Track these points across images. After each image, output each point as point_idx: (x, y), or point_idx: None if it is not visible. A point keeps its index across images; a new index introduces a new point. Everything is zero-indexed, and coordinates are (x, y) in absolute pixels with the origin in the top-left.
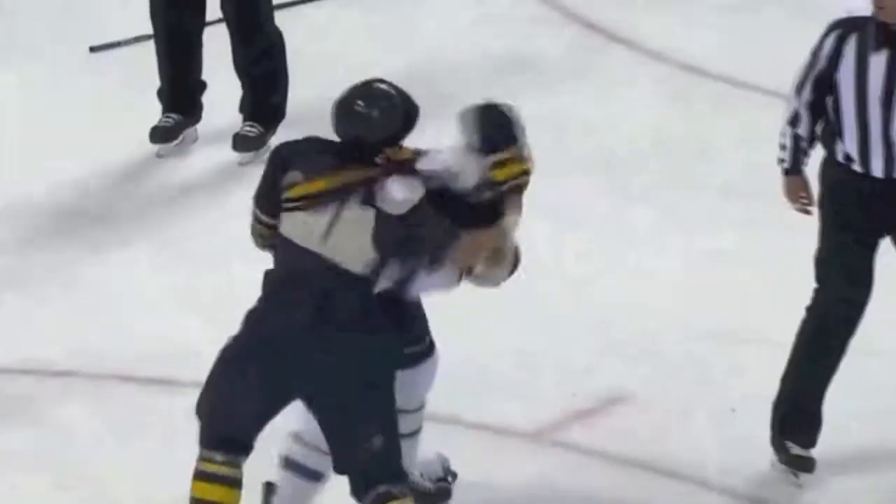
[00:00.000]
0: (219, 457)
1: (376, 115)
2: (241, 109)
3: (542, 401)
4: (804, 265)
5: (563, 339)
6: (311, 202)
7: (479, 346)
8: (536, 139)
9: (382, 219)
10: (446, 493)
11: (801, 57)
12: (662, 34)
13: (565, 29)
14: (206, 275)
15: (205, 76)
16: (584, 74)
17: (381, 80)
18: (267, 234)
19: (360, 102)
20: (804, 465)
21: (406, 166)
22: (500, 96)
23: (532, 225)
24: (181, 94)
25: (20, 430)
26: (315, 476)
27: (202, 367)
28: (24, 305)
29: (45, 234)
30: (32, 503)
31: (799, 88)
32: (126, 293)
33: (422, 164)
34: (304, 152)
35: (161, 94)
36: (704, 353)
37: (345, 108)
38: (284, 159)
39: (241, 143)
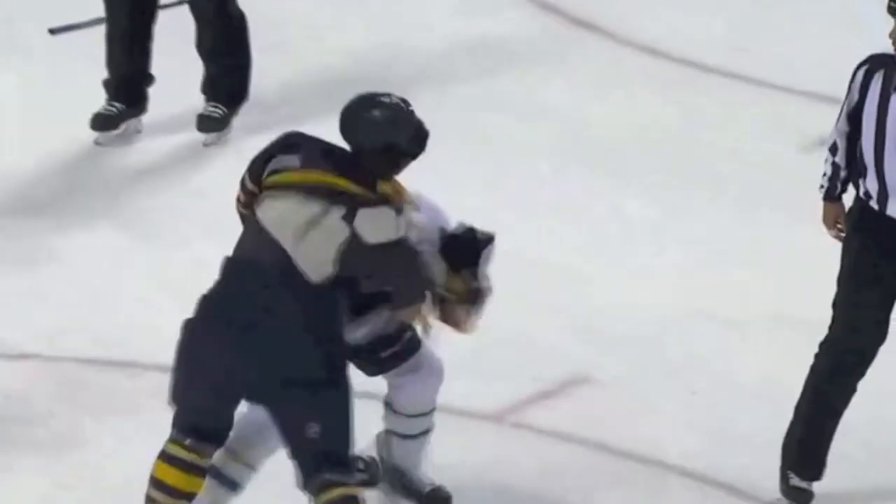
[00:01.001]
0: (188, 442)
1: (377, 117)
2: (204, 90)
3: (504, 383)
4: (764, 247)
5: (526, 322)
6: (294, 190)
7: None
8: (515, 127)
9: (355, 241)
10: (445, 500)
11: (793, 47)
12: (653, 25)
13: (543, 17)
14: (172, 255)
15: (166, 56)
16: (552, 59)
17: (392, 95)
18: (241, 204)
19: (365, 107)
20: (800, 498)
21: (396, 202)
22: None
23: (494, 208)
24: (126, 84)
25: None
26: (231, 485)
27: (167, 348)
28: None
29: (6, 216)
30: None
31: (838, 117)
32: (92, 275)
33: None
34: (312, 145)
35: (107, 82)
36: (666, 337)
37: (350, 112)
38: (292, 141)
39: (205, 123)
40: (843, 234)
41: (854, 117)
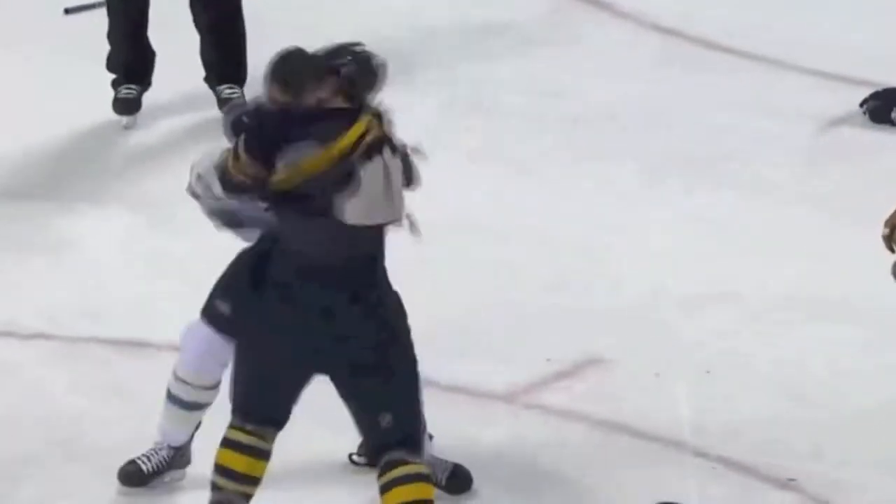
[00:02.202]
0: (249, 426)
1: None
2: (211, 72)
3: (517, 363)
4: (778, 229)
5: (539, 301)
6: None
7: (456, 308)
8: (527, 107)
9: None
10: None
11: (782, 20)
12: (667, 5)
13: None
14: (182, 237)
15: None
16: (563, 39)
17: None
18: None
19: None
20: None
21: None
22: (478, 60)
23: (506, 187)
24: (138, 64)
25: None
26: (194, 406)
27: (174, 330)
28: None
29: (18, 199)
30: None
31: None
32: (103, 256)
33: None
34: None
35: (118, 64)
36: (679, 315)
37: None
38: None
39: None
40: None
41: None
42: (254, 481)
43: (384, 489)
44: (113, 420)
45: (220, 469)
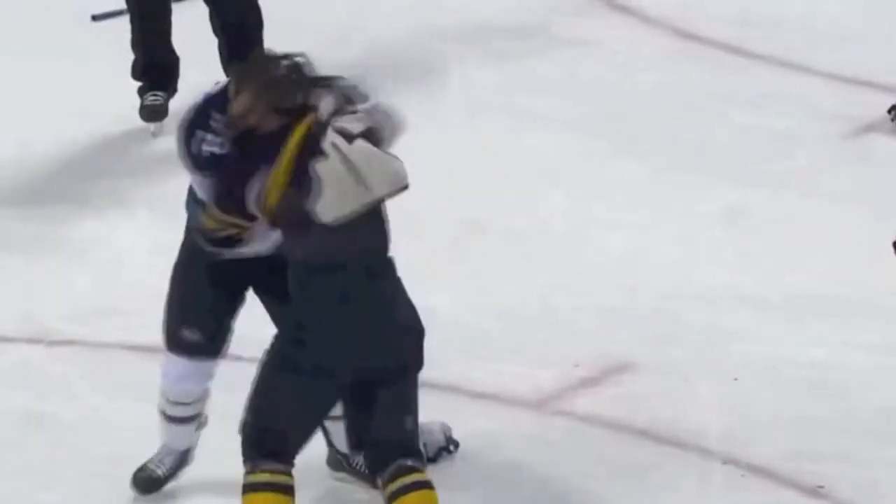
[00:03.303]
0: (266, 465)
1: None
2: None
3: (545, 369)
4: (802, 229)
5: (566, 307)
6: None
7: (483, 314)
8: (548, 105)
9: None
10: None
11: (802, 22)
12: (685, 4)
13: None
14: None
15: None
16: (580, 39)
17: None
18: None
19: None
20: None
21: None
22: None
23: (529, 188)
24: (163, 71)
25: (21, 395)
26: (185, 420)
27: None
28: (26, 270)
29: (43, 203)
30: (29, 464)
31: None
32: (129, 260)
33: None
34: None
35: (143, 71)
36: (709, 322)
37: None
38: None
39: None
40: None
41: None
42: None
43: (395, 496)
44: (137, 422)
45: None
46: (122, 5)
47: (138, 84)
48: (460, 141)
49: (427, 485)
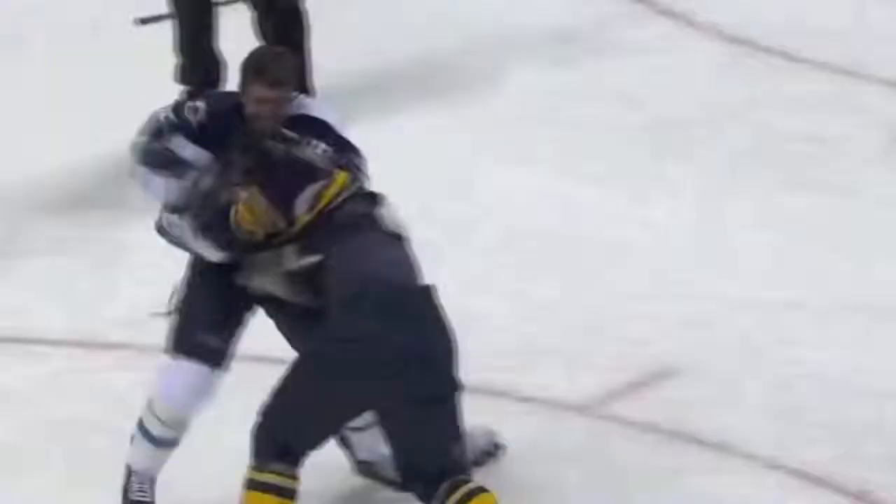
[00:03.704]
0: (275, 466)
1: None
2: None
3: (591, 374)
4: (853, 235)
5: (614, 312)
6: None
7: (530, 318)
8: (590, 113)
9: None
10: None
11: (854, 28)
12: (731, 10)
13: (619, 2)
14: None
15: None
16: (629, 47)
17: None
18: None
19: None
20: None
21: None
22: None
23: (577, 194)
24: (207, 75)
25: (74, 401)
26: (168, 443)
27: (252, 339)
28: (77, 274)
29: (92, 204)
30: (86, 470)
31: None
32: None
33: None
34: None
35: (188, 75)
36: (754, 323)
37: None
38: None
39: None
40: None
41: None
42: None
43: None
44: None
45: None
46: (167, 9)
47: (182, 88)
48: (507, 147)
49: (483, 489)
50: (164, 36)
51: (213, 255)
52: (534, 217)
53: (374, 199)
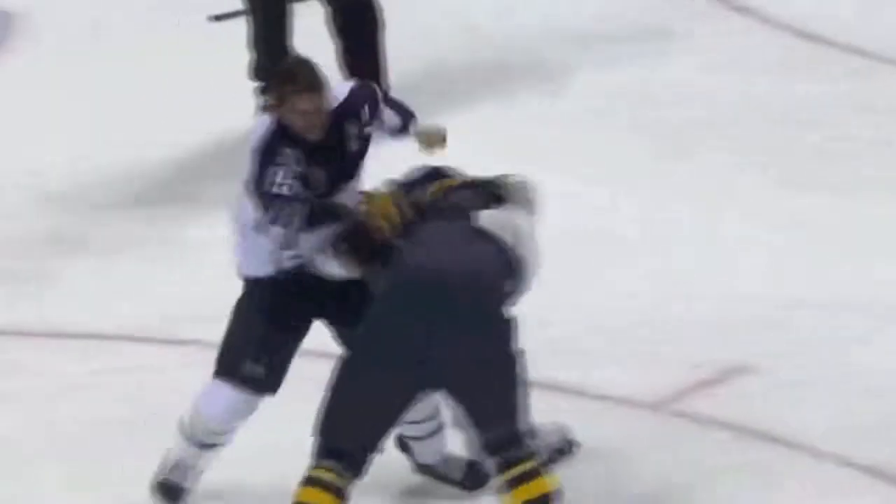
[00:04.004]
0: (327, 464)
1: None
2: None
3: (664, 370)
4: None
5: (685, 310)
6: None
7: (602, 316)
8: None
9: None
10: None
11: None
12: (795, 2)
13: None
14: None
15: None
16: (688, 42)
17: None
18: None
19: None
20: None
21: None
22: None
23: (649, 194)
24: None
25: (143, 397)
26: (211, 447)
27: (323, 335)
28: (146, 272)
29: (156, 202)
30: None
31: None
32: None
33: None
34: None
35: (262, 71)
36: (825, 324)
37: None
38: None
39: None
40: None
41: None
42: None
43: (512, 484)
44: (250, 423)
45: None
46: (241, 6)
47: (256, 84)
48: (574, 144)
49: (539, 472)
50: (238, 30)
51: (347, 272)
52: (606, 217)
53: (474, 189)
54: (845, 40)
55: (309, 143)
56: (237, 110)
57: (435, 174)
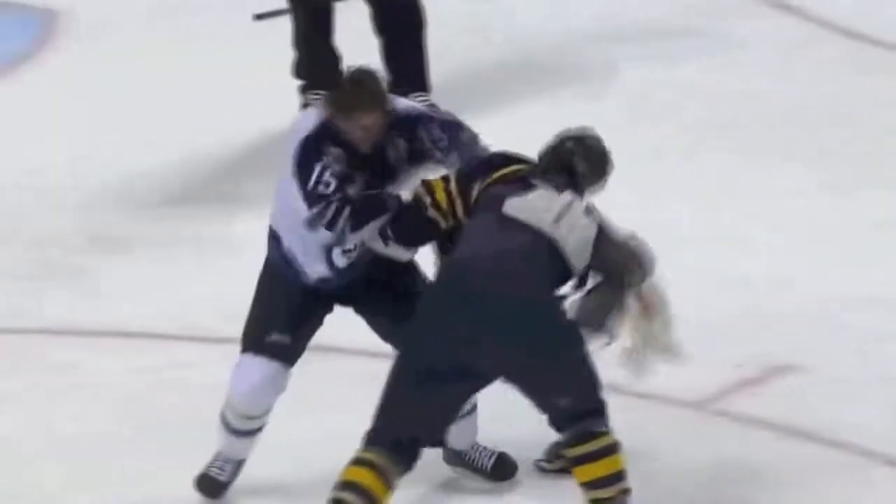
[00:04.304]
0: (381, 451)
1: None
2: (399, 78)
3: (706, 369)
4: None
5: (727, 307)
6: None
7: None
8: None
9: (603, 233)
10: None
11: None
12: (846, 3)
13: None
14: None
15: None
16: (744, 41)
17: None
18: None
19: None
20: None
21: None
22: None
23: (694, 191)
24: (325, 70)
25: (186, 394)
26: (248, 433)
27: (357, 331)
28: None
29: (201, 198)
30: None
31: None
32: None
33: None
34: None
35: (304, 70)
36: (871, 320)
37: None
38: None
39: None
40: None
41: None
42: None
43: (577, 462)
44: (297, 420)
45: (346, 484)
46: (285, 5)
47: (300, 83)
48: (618, 143)
49: (614, 449)
50: (282, 28)
51: (405, 254)
52: (643, 214)
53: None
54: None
55: (353, 146)
56: (279, 110)
57: (500, 162)
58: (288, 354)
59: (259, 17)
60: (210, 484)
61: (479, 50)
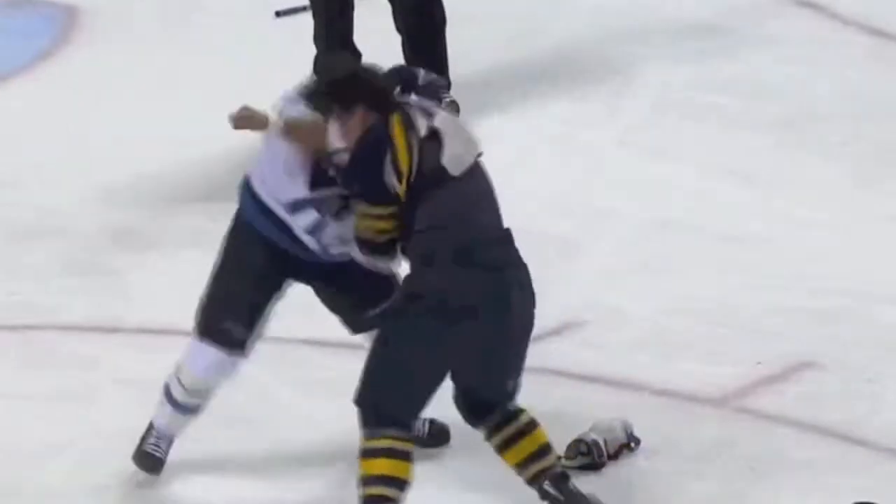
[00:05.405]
0: (385, 431)
1: None
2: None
3: (728, 366)
4: None
5: (750, 304)
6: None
7: (666, 312)
8: (735, 106)
9: None
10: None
11: None
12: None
13: None
14: None
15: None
16: (771, 39)
17: None
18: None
19: None
20: None
21: None
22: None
23: (714, 188)
24: None
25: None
26: (192, 410)
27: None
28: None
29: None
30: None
31: None
32: None
33: None
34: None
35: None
36: (893, 319)
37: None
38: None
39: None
40: None
41: None
42: (409, 486)
43: (504, 445)
44: (333, 420)
45: (384, 479)
46: (305, 1)
47: None
48: (644, 140)
49: (535, 424)
50: (303, 25)
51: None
52: (672, 211)
53: None
54: None
55: None
56: None
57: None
58: (239, 345)
59: (280, 13)
60: (150, 460)
61: (506, 49)
